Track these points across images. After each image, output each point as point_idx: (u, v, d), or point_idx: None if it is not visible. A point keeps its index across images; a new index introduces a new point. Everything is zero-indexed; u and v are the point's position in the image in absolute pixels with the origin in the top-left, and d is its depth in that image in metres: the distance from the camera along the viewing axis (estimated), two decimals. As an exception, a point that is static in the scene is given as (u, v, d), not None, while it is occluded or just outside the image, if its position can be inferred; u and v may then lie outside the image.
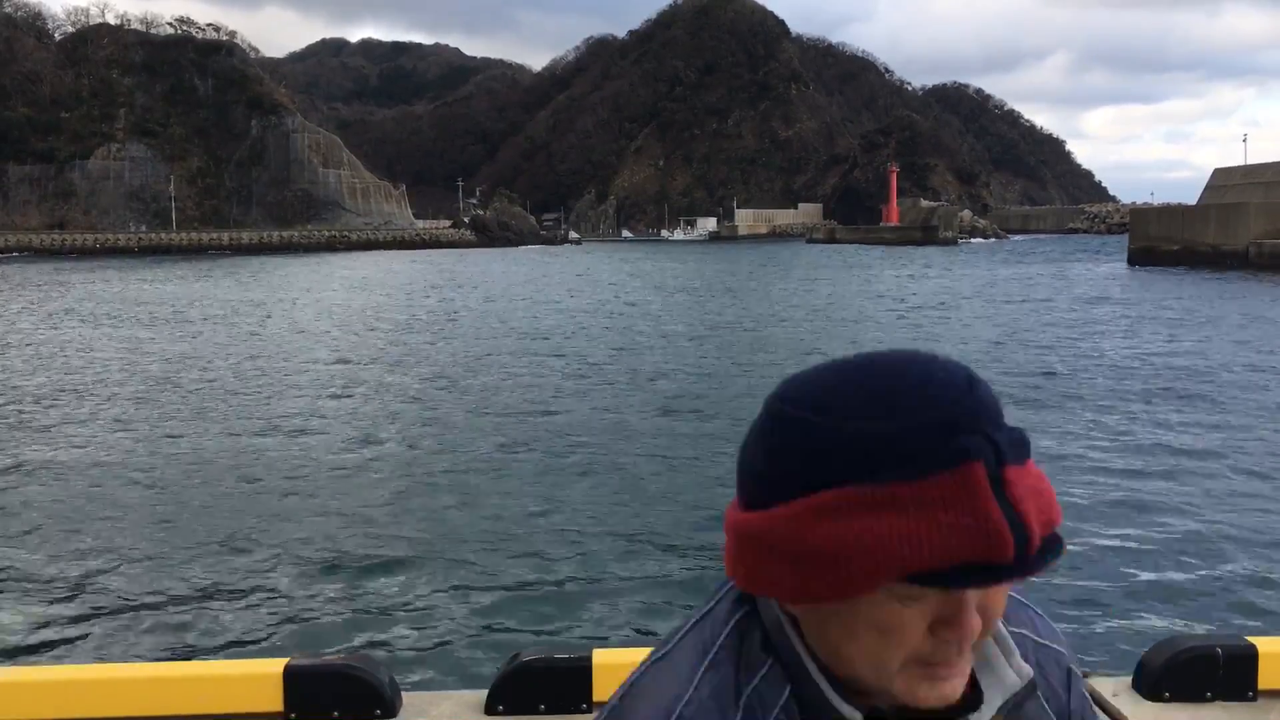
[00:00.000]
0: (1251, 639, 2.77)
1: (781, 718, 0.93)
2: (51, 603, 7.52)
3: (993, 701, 0.97)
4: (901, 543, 0.83)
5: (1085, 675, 2.50)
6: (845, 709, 0.92)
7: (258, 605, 7.43)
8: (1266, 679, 2.68)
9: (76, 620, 7.19)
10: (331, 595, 7.64)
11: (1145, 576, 7.89)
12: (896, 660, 0.90)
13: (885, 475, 0.83)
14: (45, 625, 7.12)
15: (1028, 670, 0.99)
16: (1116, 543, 8.69)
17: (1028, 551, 0.83)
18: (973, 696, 0.97)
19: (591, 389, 17.73)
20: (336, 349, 25.02)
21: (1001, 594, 0.92)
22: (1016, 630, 1.04)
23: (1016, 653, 0.99)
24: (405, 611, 7.31)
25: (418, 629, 7.01)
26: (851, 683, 0.93)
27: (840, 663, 0.93)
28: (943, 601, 0.88)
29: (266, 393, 17.76)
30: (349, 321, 33.36)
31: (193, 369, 21.08)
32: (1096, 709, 2.37)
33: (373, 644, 6.66)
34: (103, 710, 2.57)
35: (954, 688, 0.93)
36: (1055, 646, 1.08)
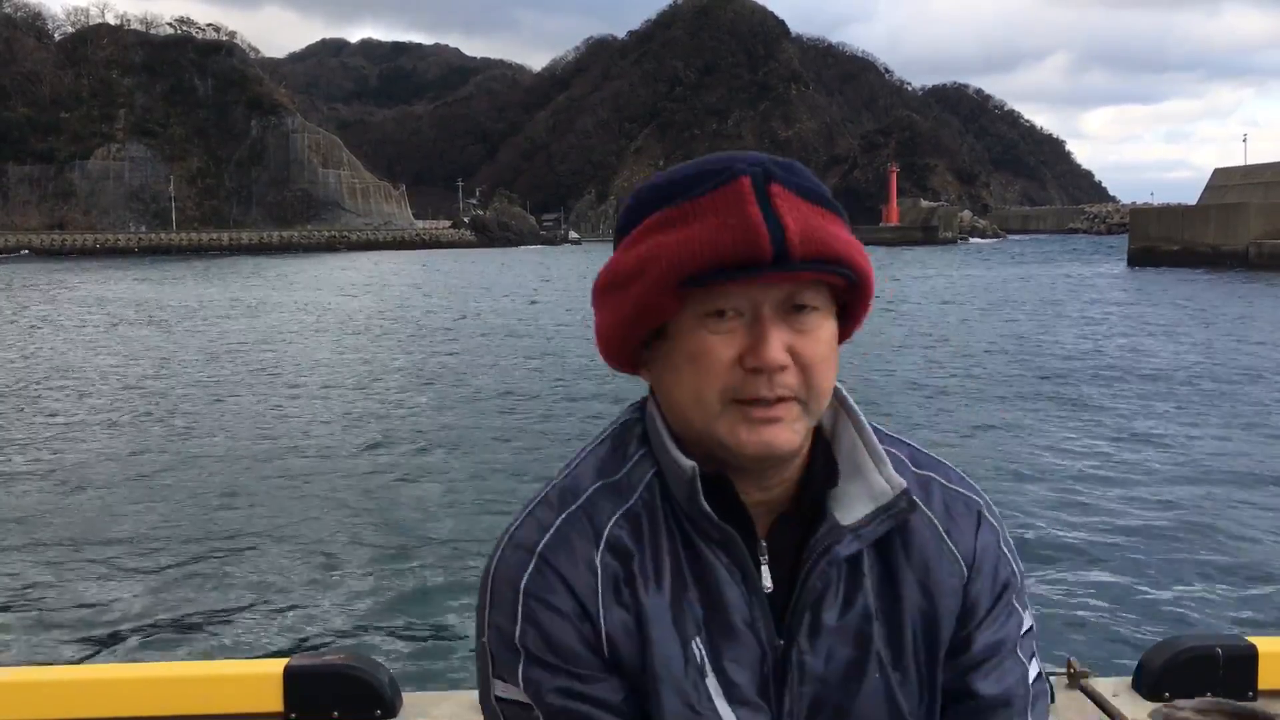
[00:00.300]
0: (1251, 639, 2.75)
1: (645, 495, 1.06)
2: (50, 603, 7.50)
3: (857, 504, 1.06)
4: (680, 246, 0.99)
5: (1085, 675, 2.69)
6: (682, 459, 1.03)
7: (258, 605, 7.40)
8: (1266, 679, 2.67)
9: (75, 621, 7.17)
10: (331, 595, 7.63)
11: (1145, 576, 7.87)
12: (712, 392, 1.01)
13: (678, 200, 1.01)
14: (44, 626, 7.10)
15: (899, 481, 1.06)
16: (1116, 543, 8.67)
17: (787, 253, 0.96)
18: (826, 476, 1.07)
19: (595, 390, 17.73)
20: (337, 351, 25.02)
21: (816, 345, 1.02)
22: (924, 473, 1.12)
23: (889, 465, 1.07)
24: (405, 611, 7.29)
25: (418, 629, 7.00)
26: (694, 445, 1.05)
27: (677, 413, 1.05)
28: (747, 332, 1.00)
29: (267, 394, 17.76)
30: (346, 324, 33.36)
31: (191, 371, 21.07)
32: (1097, 709, 2.58)
33: (373, 644, 6.64)
34: (102, 710, 2.55)
35: (775, 435, 1.00)
36: (967, 493, 1.13)
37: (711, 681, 1.04)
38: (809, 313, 1.02)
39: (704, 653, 1.02)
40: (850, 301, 1.08)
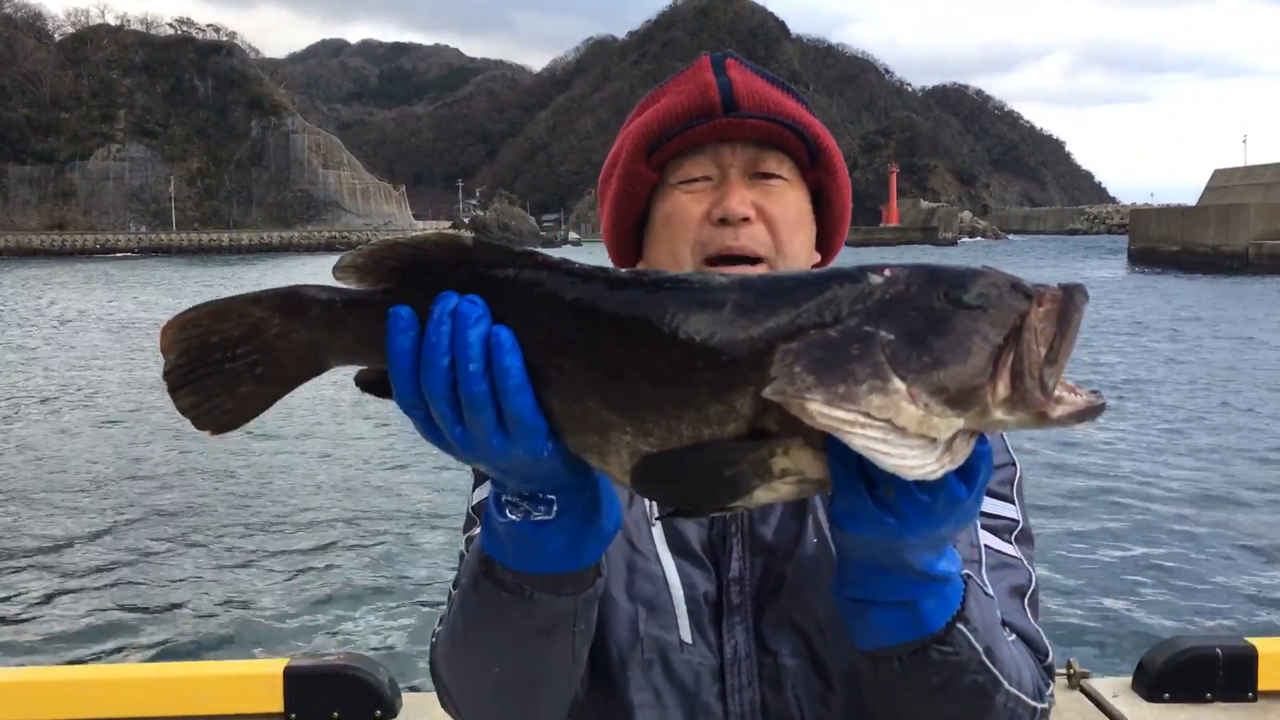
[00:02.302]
0: (1251, 639, 2.80)
1: None
2: (51, 604, 7.50)
3: None
4: (648, 117, 1.15)
5: (1085, 676, 2.76)
6: None
7: (258, 606, 7.41)
8: (1266, 680, 2.70)
9: (75, 621, 7.17)
10: (331, 595, 7.63)
11: (1145, 577, 7.87)
12: (685, 246, 1.12)
13: (653, 94, 1.20)
14: (44, 626, 7.09)
15: None
16: (1116, 543, 8.68)
17: (734, 101, 1.10)
18: None
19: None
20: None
21: (783, 206, 1.12)
22: None
23: None
24: (405, 612, 7.29)
25: (418, 629, 6.98)
26: None
27: None
28: (714, 190, 1.12)
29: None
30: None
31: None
32: (1097, 710, 2.65)
33: (373, 644, 6.65)
34: (103, 711, 2.57)
35: None
36: None
37: (657, 529, 1.10)
38: (775, 180, 1.12)
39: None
40: (825, 185, 1.17)
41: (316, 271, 73.12)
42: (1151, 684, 2.70)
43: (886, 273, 0.75)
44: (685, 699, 1.08)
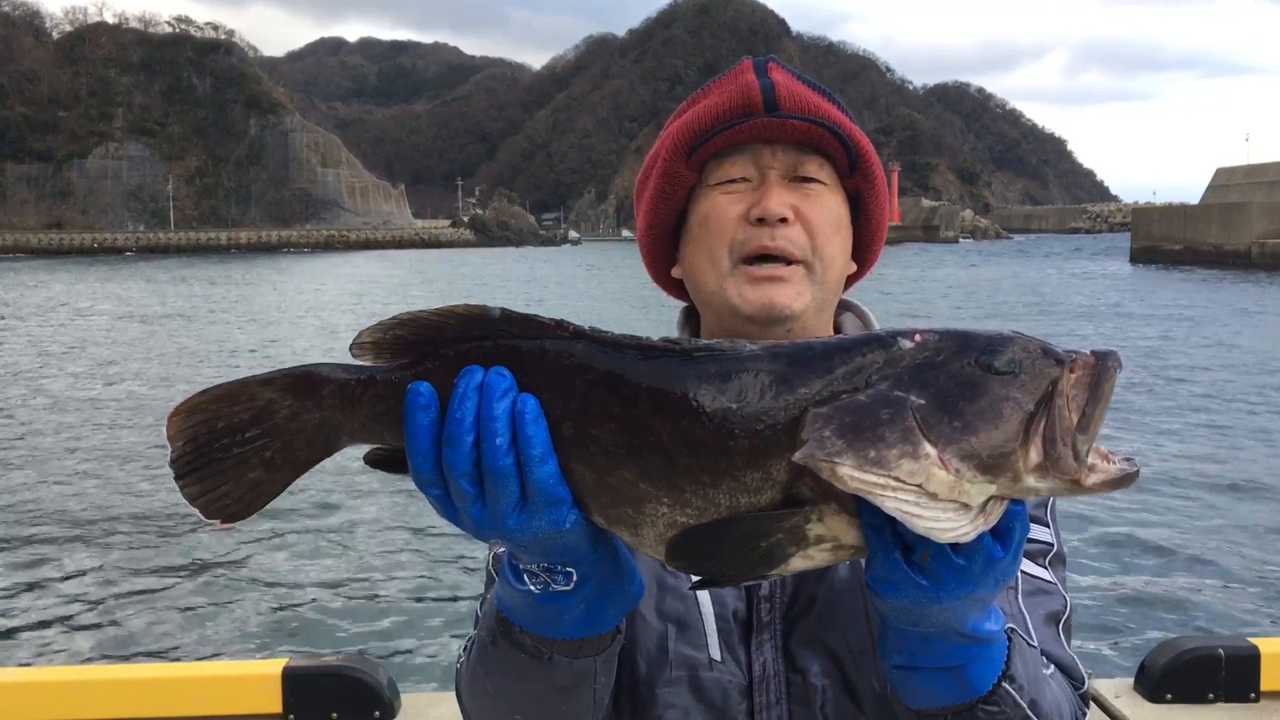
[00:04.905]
0: (1253, 640, 2.80)
1: None
2: (50, 604, 7.47)
3: None
4: (689, 118, 1.14)
5: (1088, 677, 2.83)
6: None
7: (257, 606, 7.38)
8: (1269, 680, 2.71)
9: (75, 622, 7.14)
10: (331, 596, 7.61)
11: (1147, 578, 7.84)
12: (722, 246, 1.11)
13: (693, 98, 1.20)
14: (43, 626, 7.07)
15: None
16: (1118, 544, 8.65)
17: (776, 101, 1.10)
18: None
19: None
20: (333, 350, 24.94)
21: (821, 210, 1.11)
22: None
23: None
24: (405, 612, 7.27)
25: (418, 630, 6.96)
26: (714, 326, 1.16)
27: (698, 283, 1.15)
28: (753, 191, 1.11)
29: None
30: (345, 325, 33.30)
31: (187, 372, 21.01)
32: (1099, 711, 2.65)
33: (372, 645, 6.61)
34: (102, 711, 2.58)
35: (777, 292, 1.08)
36: None
37: None
38: (813, 184, 1.11)
39: None
40: (863, 192, 1.16)
41: (316, 272, 73.01)
42: (1154, 685, 2.70)
43: (917, 337, 0.75)
44: (713, 715, 1.07)
